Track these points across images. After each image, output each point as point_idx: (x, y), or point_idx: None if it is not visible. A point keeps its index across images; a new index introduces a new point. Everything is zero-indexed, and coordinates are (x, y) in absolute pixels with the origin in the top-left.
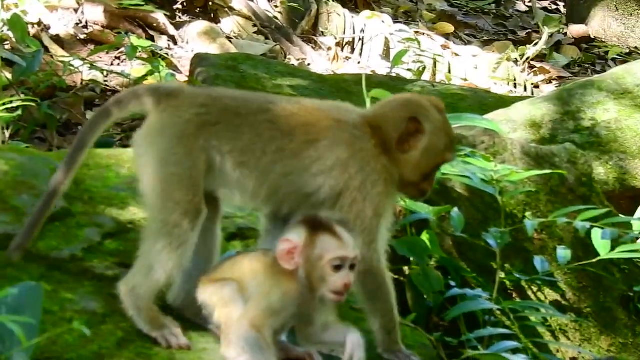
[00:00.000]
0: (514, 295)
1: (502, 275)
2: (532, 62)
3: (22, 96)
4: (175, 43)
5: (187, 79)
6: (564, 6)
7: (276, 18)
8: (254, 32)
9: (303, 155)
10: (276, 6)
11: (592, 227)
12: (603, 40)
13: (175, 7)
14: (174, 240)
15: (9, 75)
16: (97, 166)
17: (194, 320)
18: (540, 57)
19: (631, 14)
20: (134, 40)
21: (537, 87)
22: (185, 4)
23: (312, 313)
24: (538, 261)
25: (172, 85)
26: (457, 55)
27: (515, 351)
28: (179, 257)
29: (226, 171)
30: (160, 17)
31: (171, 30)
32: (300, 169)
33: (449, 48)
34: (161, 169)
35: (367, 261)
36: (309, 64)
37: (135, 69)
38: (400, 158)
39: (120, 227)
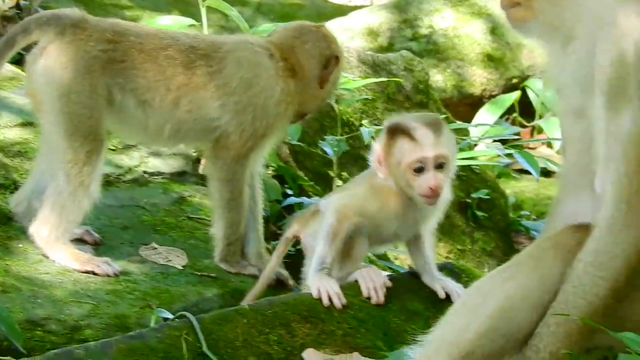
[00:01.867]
0: None
1: (339, 183)
2: None
3: None
4: None
5: None
6: None
7: None
8: None
9: (208, 86)
10: None
11: None
12: None
13: None
14: (85, 178)
15: None
16: None
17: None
18: None
19: None
20: None
21: None
22: None
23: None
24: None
25: (73, 13)
26: None
27: None
28: (91, 193)
29: (128, 110)
30: None
31: None
32: (206, 98)
33: None
34: (64, 106)
35: (230, 172)
36: None
37: None
38: (310, 91)
39: None
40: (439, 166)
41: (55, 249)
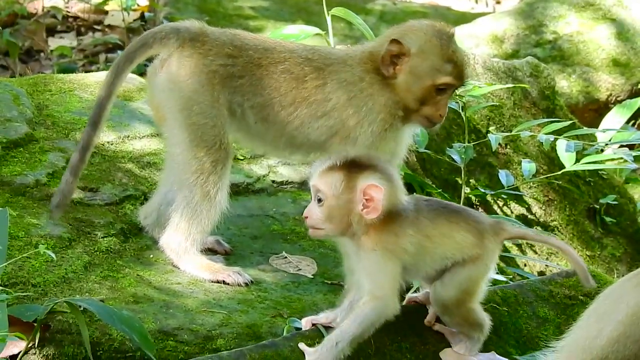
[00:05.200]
0: (480, 209)
1: (468, 190)
2: None
3: None
4: None
5: (147, 2)
6: None
7: None
8: None
9: (311, 100)
10: None
11: (556, 139)
12: None
13: None
14: (211, 188)
15: None
16: (60, 91)
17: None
18: None
19: None
20: None
21: (498, 2)
22: None
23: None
24: (503, 175)
25: (192, 26)
26: None
27: None
28: (219, 203)
29: (247, 123)
30: None
31: None
32: (309, 116)
33: None
34: (186, 118)
35: None
36: None
37: None
38: (394, 85)
39: None
40: (319, 200)
41: (185, 260)
